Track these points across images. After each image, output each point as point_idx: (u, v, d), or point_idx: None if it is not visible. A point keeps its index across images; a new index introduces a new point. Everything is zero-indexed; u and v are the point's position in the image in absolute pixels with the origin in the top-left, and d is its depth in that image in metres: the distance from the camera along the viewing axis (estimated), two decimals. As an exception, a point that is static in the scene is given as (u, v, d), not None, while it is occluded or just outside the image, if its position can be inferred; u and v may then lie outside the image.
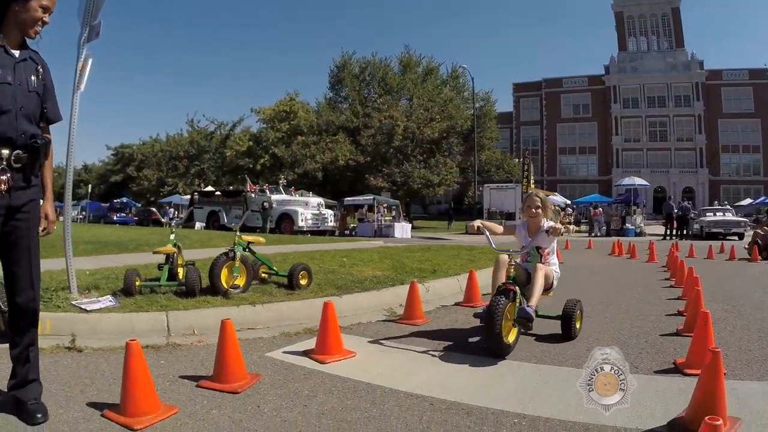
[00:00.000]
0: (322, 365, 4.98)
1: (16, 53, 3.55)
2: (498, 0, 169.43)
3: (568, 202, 52.80)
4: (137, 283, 7.11)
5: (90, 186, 59.93)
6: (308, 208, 31.61)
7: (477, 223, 6.23)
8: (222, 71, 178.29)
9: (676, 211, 31.97)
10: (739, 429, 3.42)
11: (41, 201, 3.77)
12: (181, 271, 7.65)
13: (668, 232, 32.06)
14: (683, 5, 76.93)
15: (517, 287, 5.47)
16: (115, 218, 49.65)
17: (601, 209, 39.16)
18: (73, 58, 6.67)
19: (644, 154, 75.57)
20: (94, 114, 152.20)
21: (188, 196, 43.24)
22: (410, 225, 37.76)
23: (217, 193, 37.23)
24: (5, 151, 3.41)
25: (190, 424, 3.55)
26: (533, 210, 6.16)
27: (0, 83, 3.39)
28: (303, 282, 7.98)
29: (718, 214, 33.47)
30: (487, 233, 6.14)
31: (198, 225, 33.64)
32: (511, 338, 5.37)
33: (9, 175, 3.43)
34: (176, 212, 44.40)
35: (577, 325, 6.16)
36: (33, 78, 3.59)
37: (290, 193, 34.44)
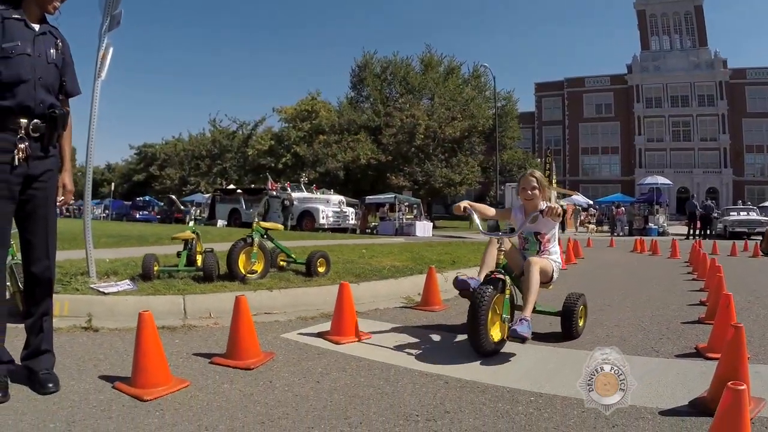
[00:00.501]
0: (337, 346, 4.96)
1: (36, 27, 3.61)
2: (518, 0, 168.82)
3: (591, 202, 52.39)
4: (155, 268, 7.18)
5: (113, 185, 60.48)
6: (329, 206, 31.60)
7: (464, 203, 5.42)
8: (243, 72, 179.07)
9: (699, 210, 31.48)
10: (764, 409, 3.34)
11: (59, 172, 3.82)
12: (199, 258, 7.69)
13: (691, 232, 31.48)
14: (706, 3, 75.92)
15: (507, 277, 4.81)
16: (137, 216, 49.98)
17: (623, 208, 38.75)
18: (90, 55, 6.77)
19: (667, 155, 74.59)
20: (118, 114, 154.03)
21: (210, 195, 43.46)
22: (431, 224, 37.62)
23: (239, 191, 37.37)
24: (23, 120, 3.46)
25: (201, 396, 3.53)
26: (529, 192, 5.34)
27: (19, 54, 3.44)
28: (321, 269, 7.99)
29: (741, 213, 32.91)
30: (475, 215, 5.44)
31: (220, 222, 33.86)
32: (498, 335, 4.70)
33: (27, 143, 3.48)
34: (199, 210, 44.60)
35: (580, 323, 5.45)
36: (52, 51, 3.66)
37: (311, 191, 34.45)
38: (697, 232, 31.02)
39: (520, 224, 5.34)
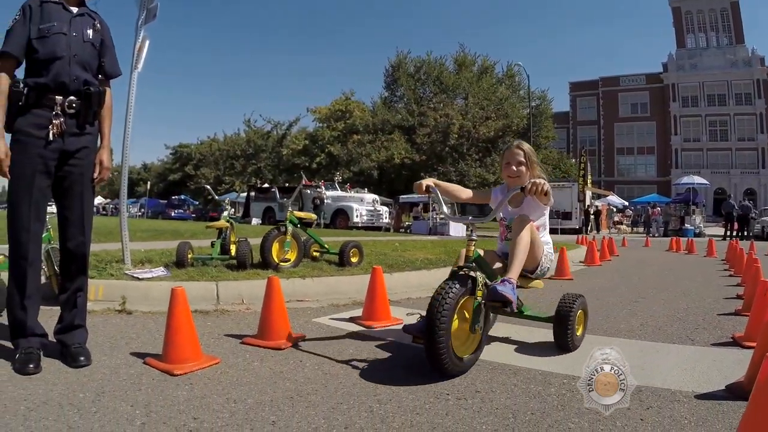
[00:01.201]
0: (368, 330, 4.96)
1: (74, 9, 3.72)
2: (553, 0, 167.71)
3: (626, 203, 51.79)
4: (189, 256, 7.24)
5: (149, 184, 61.20)
6: (363, 205, 31.71)
7: (427, 181, 4.26)
8: (277, 73, 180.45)
9: (736, 210, 30.78)
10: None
11: (97, 149, 3.89)
12: (233, 248, 7.73)
13: (728, 233, 30.73)
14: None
15: (479, 274, 3.68)
16: (173, 214, 50.68)
17: (659, 209, 38.21)
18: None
19: (704, 155, 73.07)
20: (154, 115, 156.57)
21: (245, 194, 43.84)
22: (465, 223, 37.47)
23: (273, 189, 37.60)
24: (59, 97, 3.56)
25: (231, 373, 3.54)
26: (514, 167, 4.27)
27: (55, 33, 3.56)
28: (354, 259, 8.00)
29: (780, 213, 32.21)
30: (439, 195, 4.25)
31: (254, 221, 34.06)
32: (468, 349, 3.72)
33: (62, 120, 3.56)
34: (233, 210, 44.82)
35: (578, 331, 4.40)
36: (89, 31, 3.75)
37: (345, 190, 34.62)
38: (735, 233, 30.35)
39: (504, 209, 4.37)
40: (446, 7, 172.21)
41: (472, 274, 3.63)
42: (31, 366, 3.35)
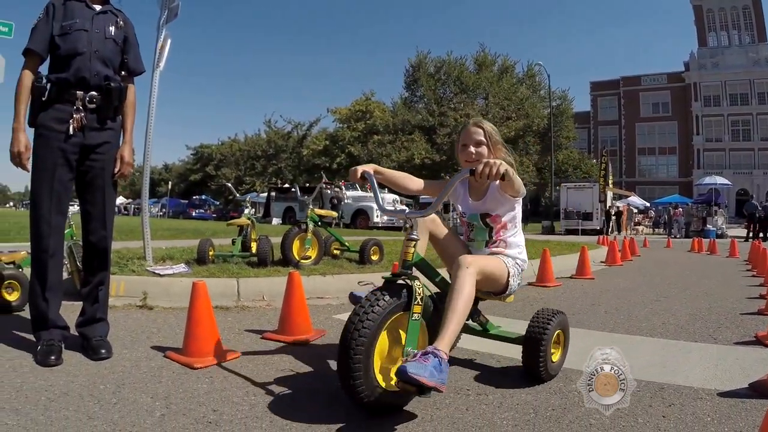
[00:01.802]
0: (389, 325, 4.91)
1: (97, 7, 3.78)
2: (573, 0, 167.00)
3: (647, 204, 51.33)
4: (210, 253, 7.28)
5: (170, 184, 61.62)
6: (383, 205, 31.62)
7: (363, 167, 3.40)
8: (298, 74, 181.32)
9: (759, 210, 30.22)
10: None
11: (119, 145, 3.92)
12: (254, 245, 7.75)
13: (751, 234, 30.09)
14: (764, -4, 72.64)
15: (417, 283, 2.81)
16: (193, 214, 51.05)
17: (681, 209, 37.79)
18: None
19: (726, 155, 71.69)
20: (176, 115, 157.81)
21: (265, 194, 43.99)
22: (485, 223, 37.28)
23: (294, 188, 37.66)
24: (79, 92, 3.60)
25: (251, 366, 3.55)
26: (471, 149, 3.36)
27: (77, 30, 3.62)
28: (374, 257, 8.01)
29: (804, 214, 31.58)
30: (375, 184, 3.39)
31: (275, 221, 34.14)
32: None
33: (83, 114, 3.61)
34: (254, 210, 44.94)
35: (554, 357, 3.48)
36: (111, 28, 3.80)
37: (366, 190, 34.62)
38: (759, 234, 29.81)
39: (463, 202, 3.55)
40: (468, 7, 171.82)
41: (408, 282, 2.82)
42: (53, 358, 3.39)
